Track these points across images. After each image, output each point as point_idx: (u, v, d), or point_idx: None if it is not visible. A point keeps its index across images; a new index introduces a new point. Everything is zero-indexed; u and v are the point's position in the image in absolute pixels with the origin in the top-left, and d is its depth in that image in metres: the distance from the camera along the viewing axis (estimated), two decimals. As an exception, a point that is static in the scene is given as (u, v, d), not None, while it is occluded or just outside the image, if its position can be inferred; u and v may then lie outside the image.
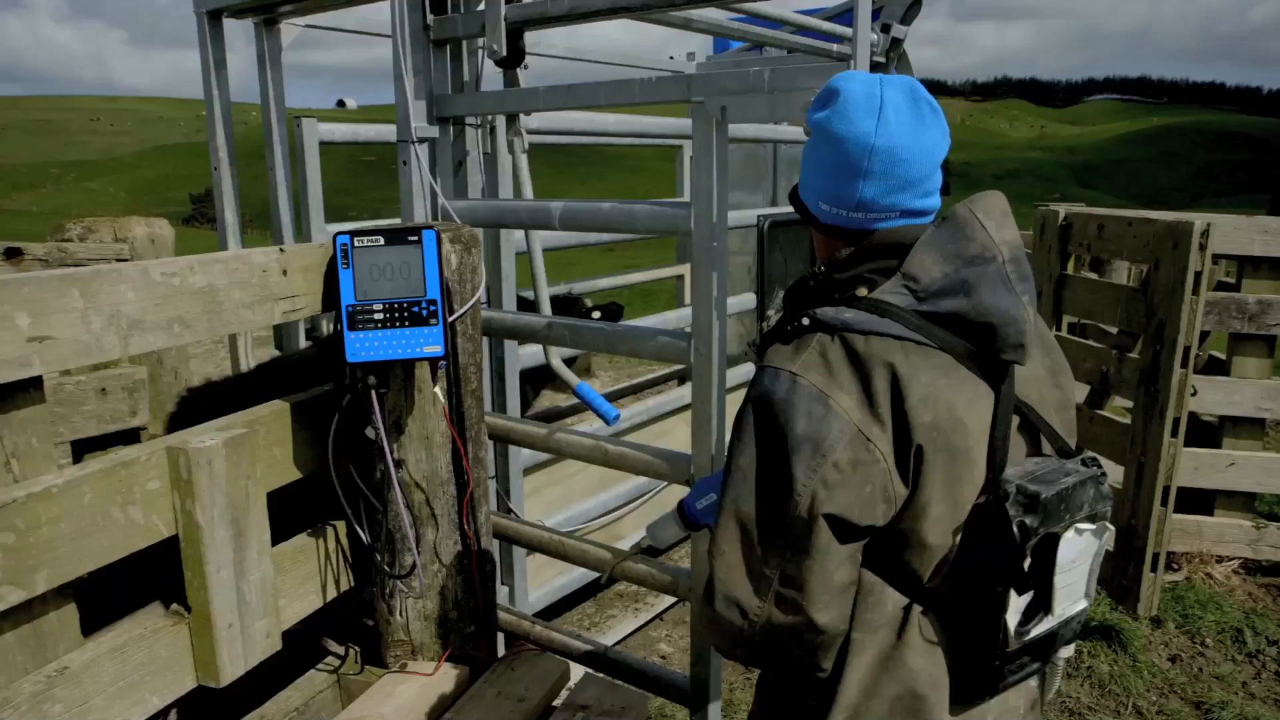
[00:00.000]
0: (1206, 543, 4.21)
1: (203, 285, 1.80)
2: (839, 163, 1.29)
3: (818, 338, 1.24)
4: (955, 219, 1.28)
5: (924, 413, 1.19)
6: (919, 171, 1.28)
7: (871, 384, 1.19)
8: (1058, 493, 1.26)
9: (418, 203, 2.36)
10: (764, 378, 1.26)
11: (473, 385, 2.17)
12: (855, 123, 1.28)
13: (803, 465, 1.18)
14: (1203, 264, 3.14)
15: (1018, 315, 1.23)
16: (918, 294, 1.24)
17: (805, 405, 1.19)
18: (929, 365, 1.21)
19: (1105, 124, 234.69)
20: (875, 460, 1.20)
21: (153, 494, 1.71)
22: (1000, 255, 1.25)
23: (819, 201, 1.36)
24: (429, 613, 2.19)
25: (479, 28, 2.25)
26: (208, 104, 2.86)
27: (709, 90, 1.96)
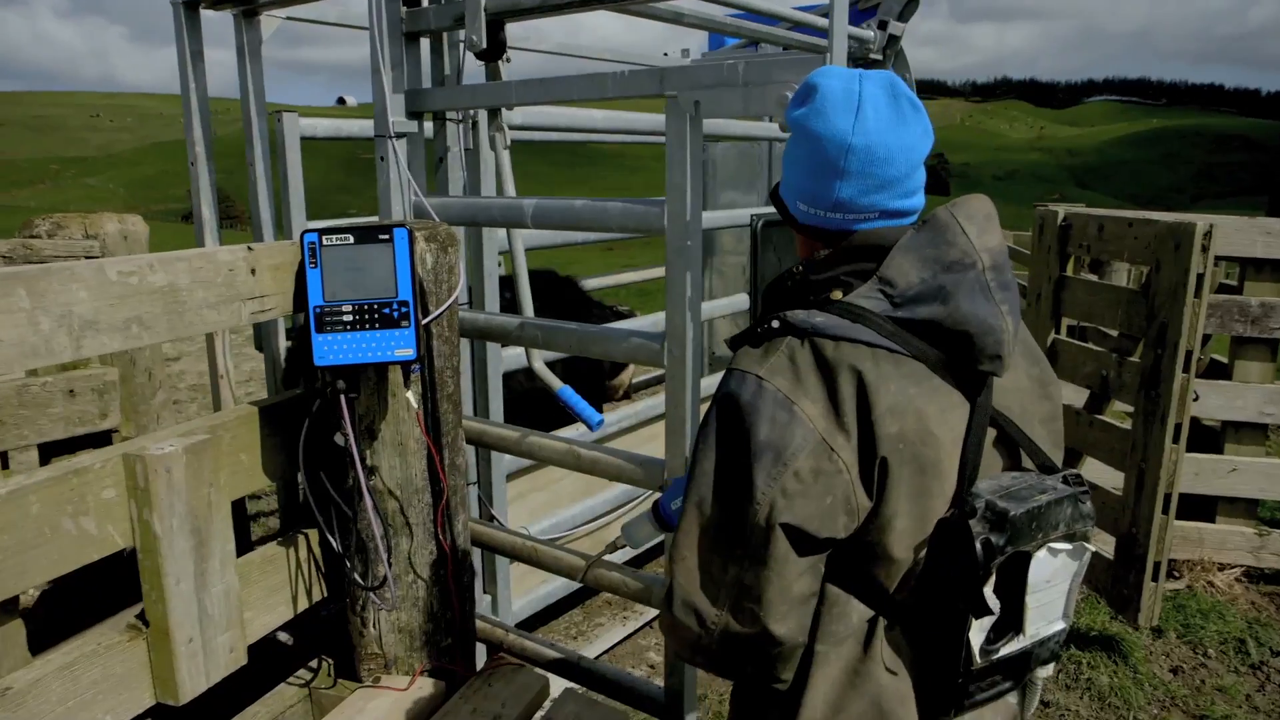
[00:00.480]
0: (1208, 550, 4.14)
1: (163, 285, 1.72)
2: (816, 161, 1.25)
3: (787, 341, 1.20)
4: (936, 223, 1.24)
5: (890, 423, 1.15)
6: (898, 170, 1.24)
7: (838, 391, 1.16)
8: (1029, 510, 1.19)
9: (396, 199, 2.28)
10: (730, 380, 1.22)
11: (449, 389, 2.09)
12: (832, 120, 1.24)
13: (763, 472, 1.15)
14: (1205, 266, 3.06)
15: (996, 324, 1.19)
16: (893, 299, 1.20)
17: (769, 410, 1.16)
18: (900, 374, 1.17)
19: (1105, 125, 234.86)
20: (838, 471, 1.15)
21: (107, 503, 1.64)
22: (980, 262, 1.21)
23: (797, 201, 1.32)
24: (403, 625, 2.12)
25: (451, 20, 2.18)
26: (184, 98, 2.78)
27: (682, 84, 1.92)
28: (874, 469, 1.16)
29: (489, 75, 2.34)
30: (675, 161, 1.94)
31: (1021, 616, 1.24)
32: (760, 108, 1.84)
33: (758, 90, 1.84)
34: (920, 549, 1.22)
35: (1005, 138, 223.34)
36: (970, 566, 1.17)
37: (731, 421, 1.19)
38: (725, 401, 1.20)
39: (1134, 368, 3.34)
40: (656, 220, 2.00)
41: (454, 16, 2.15)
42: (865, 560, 1.22)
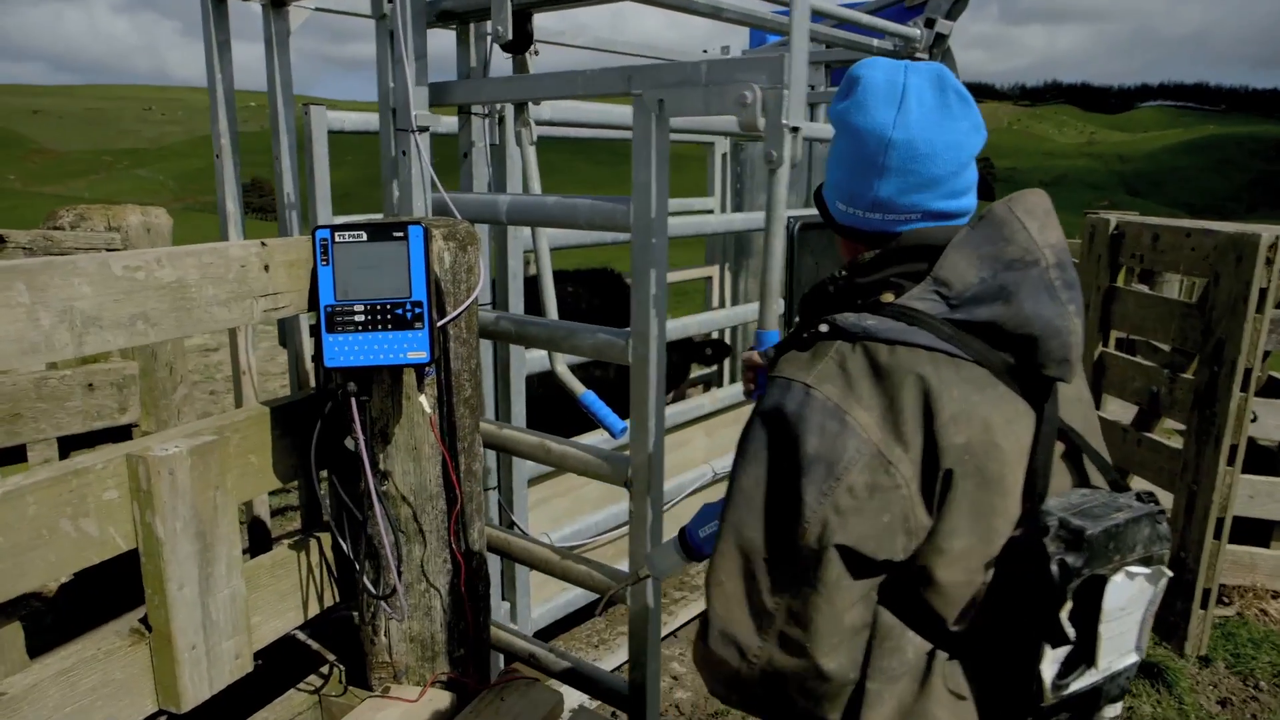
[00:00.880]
0: (1261, 576, 3.95)
1: (171, 280, 1.66)
2: (856, 157, 1.19)
3: (836, 346, 1.12)
4: (993, 218, 1.15)
5: (956, 433, 1.06)
6: (942, 168, 1.16)
7: (897, 399, 1.06)
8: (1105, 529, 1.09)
9: (418, 196, 2.21)
10: (774, 389, 1.13)
11: (466, 393, 2.02)
12: (872, 113, 1.17)
13: (813, 488, 1.05)
14: (1269, 280, 2.90)
15: (1063, 326, 1.10)
16: (950, 300, 1.11)
17: (819, 420, 1.07)
18: (961, 380, 1.08)
19: (1158, 131, 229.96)
20: (895, 485, 1.06)
21: (109, 505, 1.59)
22: (1044, 259, 1.12)
23: (836, 200, 1.26)
24: (415, 634, 2.05)
25: (476, 7, 2.11)
26: (210, 88, 2.75)
27: (647, 83, 1.92)
28: (936, 483, 1.07)
29: (516, 68, 2.27)
30: (640, 159, 1.93)
31: (1095, 647, 1.13)
32: (720, 107, 1.83)
33: (718, 90, 1.83)
34: (984, 572, 1.12)
35: (1054, 142, 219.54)
36: (1046, 590, 1.07)
37: (776, 433, 1.10)
38: (769, 412, 1.12)
39: (1187, 384, 3.18)
40: (623, 218, 1.99)
41: (479, 6, 2.09)
42: (921, 586, 1.12)
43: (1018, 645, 1.12)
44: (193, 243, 2.43)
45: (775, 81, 1.76)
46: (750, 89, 1.76)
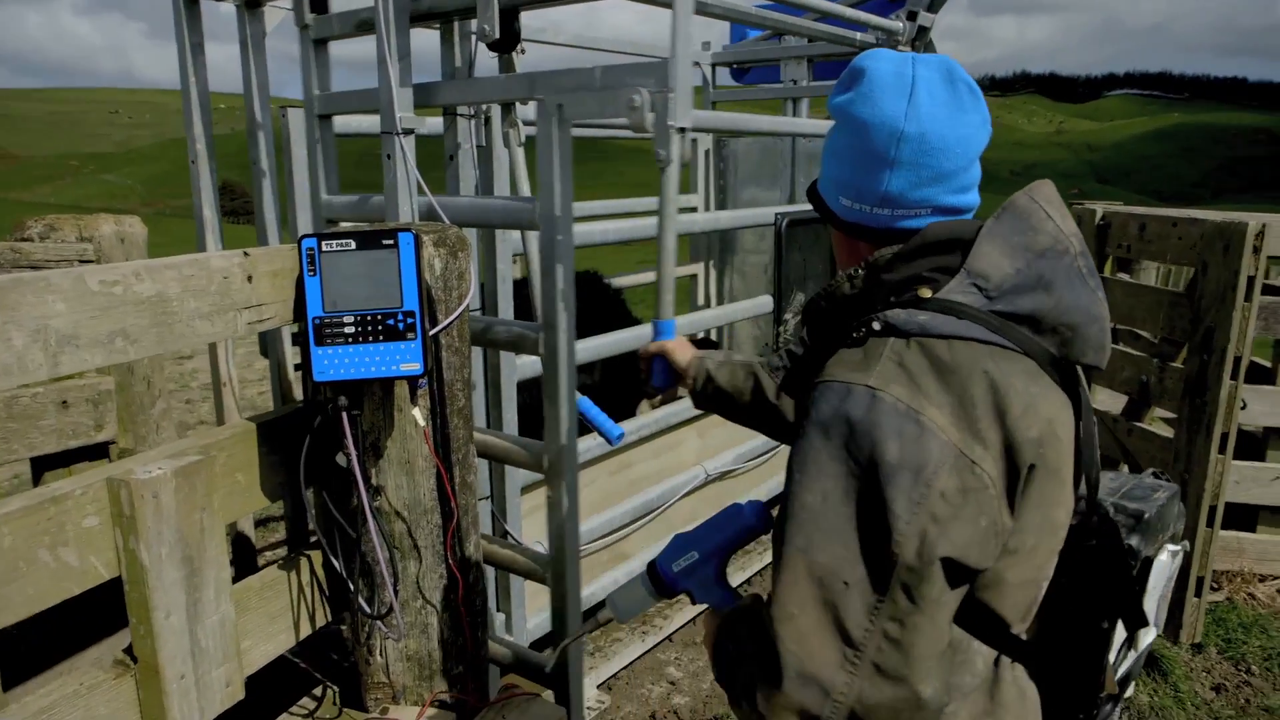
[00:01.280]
0: (1248, 560, 3.97)
1: (151, 294, 1.59)
2: (863, 151, 1.15)
3: (890, 344, 1.06)
4: (1017, 208, 1.13)
5: (1029, 427, 1.03)
6: (954, 162, 1.14)
7: (967, 395, 1.02)
8: (1157, 510, 1.13)
9: (403, 200, 2.15)
10: (830, 395, 1.05)
11: (460, 403, 1.96)
12: (882, 105, 1.13)
13: (903, 498, 0.97)
14: (1257, 267, 2.90)
15: (1099, 313, 1.11)
16: (988, 293, 1.08)
17: (894, 424, 0.99)
18: (1019, 372, 1.05)
19: (1124, 120, 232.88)
20: (984, 487, 1.00)
21: (89, 532, 1.52)
22: (1072, 247, 1.12)
23: (839, 196, 1.22)
24: (411, 653, 1.99)
25: (461, 5, 2.07)
26: (184, 92, 2.66)
27: (548, 88, 2.01)
28: (1018, 482, 1.03)
29: (502, 68, 2.21)
30: (544, 161, 2.02)
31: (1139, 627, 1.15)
32: (613, 110, 1.90)
33: (610, 94, 1.91)
34: (1047, 568, 1.10)
35: (1024, 132, 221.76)
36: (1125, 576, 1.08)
37: (844, 443, 1.01)
38: (830, 420, 1.03)
39: (1177, 373, 3.18)
40: (529, 216, 2.07)
41: (465, 4, 2.03)
42: (987, 591, 1.07)
43: (1085, 637, 1.11)
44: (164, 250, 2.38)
45: (661, 85, 1.85)
46: (639, 93, 1.84)
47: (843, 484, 1.01)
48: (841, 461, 1.01)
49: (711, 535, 1.38)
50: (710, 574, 1.37)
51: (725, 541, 1.37)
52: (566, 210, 2.03)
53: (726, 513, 1.39)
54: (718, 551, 1.37)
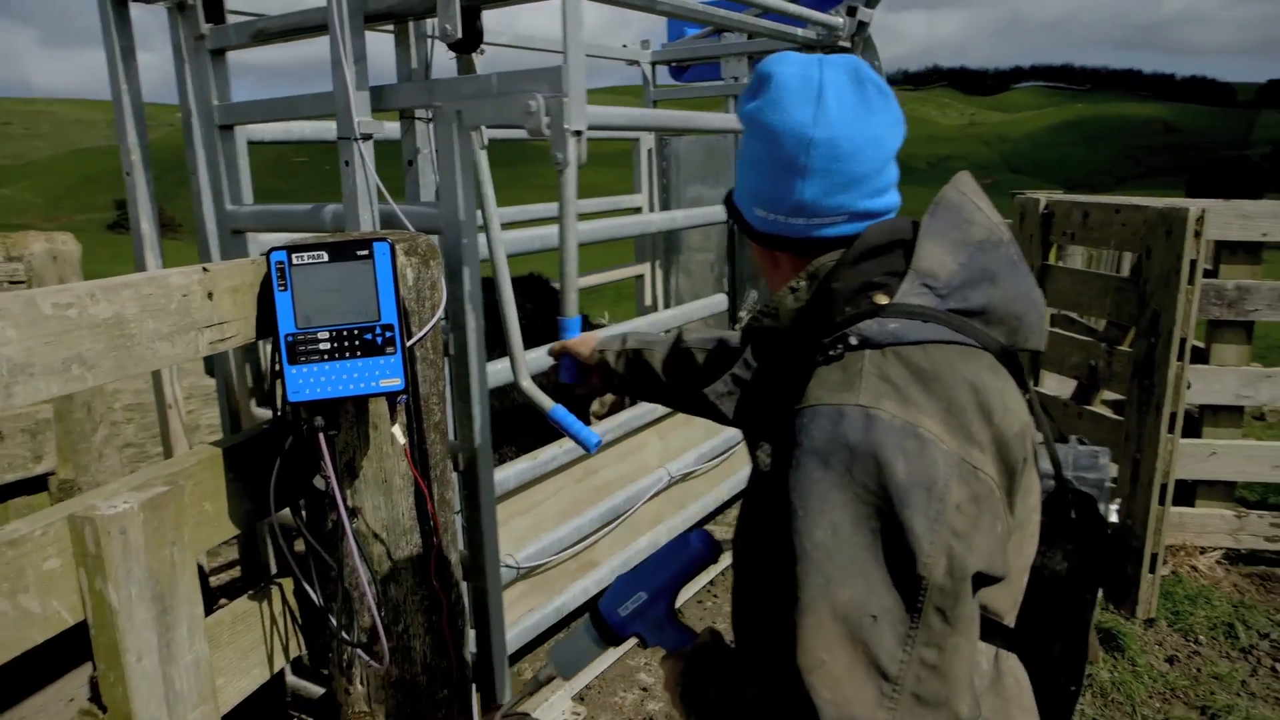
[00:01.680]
0: (1190, 534, 4.12)
1: (108, 317, 1.49)
2: (773, 160, 1.13)
3: (867, 358, 1.03)
4: (948, 203, 1.13)
5: (1011, 423, 1.03)
6: (867, 166, 1.12)
7: (954, 401, 1.00)
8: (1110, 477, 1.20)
9: (363, 208, 2.06)
10: (821, 421, 0.99)
11: (436, 418, 1.89)
12: (789, 112, 1.11)
13: (920, 517, 0.93)
14: (1198, 251, 3.00)
15: (1038, 298, 1.13)
16: (939, 291, 1.07)
17: (896, 442, 0.95)
18: (987, 369, 1.05)
19: (1032, 111, 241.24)
20: (990, 491, 0.99)
21: (51, 575, 1.41)
22: (1003, 236, 1.13)
23: (754, 207, 1.19)
24: (394, 680, 1.91)
25: (421, 5, 2.00)
26: (116, 100, 2.52)
27: (447, 95, 2.06)
28: (1014, 479, 1.03)
29: (461, 69, 2.14)
30: (445, 167, 2.08)
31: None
32: (510, 116, 1.96)
33: (507, 100, 1.95)
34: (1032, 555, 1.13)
35: (938, 124, 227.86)
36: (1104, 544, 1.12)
37: (846, 470, 0.96)
38: (826, 448, 0.98)
39: (1125, 357, 3.27)
40: (434, 221, 2.11)
41: (424, 4, 1.96)
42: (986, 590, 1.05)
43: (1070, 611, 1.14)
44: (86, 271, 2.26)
45: (556, 90, 1.89)
46: (534, 98, 1.88)
47: (851, 512, 0.95)
48: (846, 489, 0.96)
49: (658, 572, 1.29)
50: (661, 614, 1.29)
51: (673, 577, 1.29)
52: (470, 215, 2.09)
53: (672, 545, 1.31)
54: (666, 589, 1.28)
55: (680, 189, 4.94)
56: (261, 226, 2.57)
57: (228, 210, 2.54)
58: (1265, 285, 3.74)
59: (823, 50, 4.19)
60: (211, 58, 2.44)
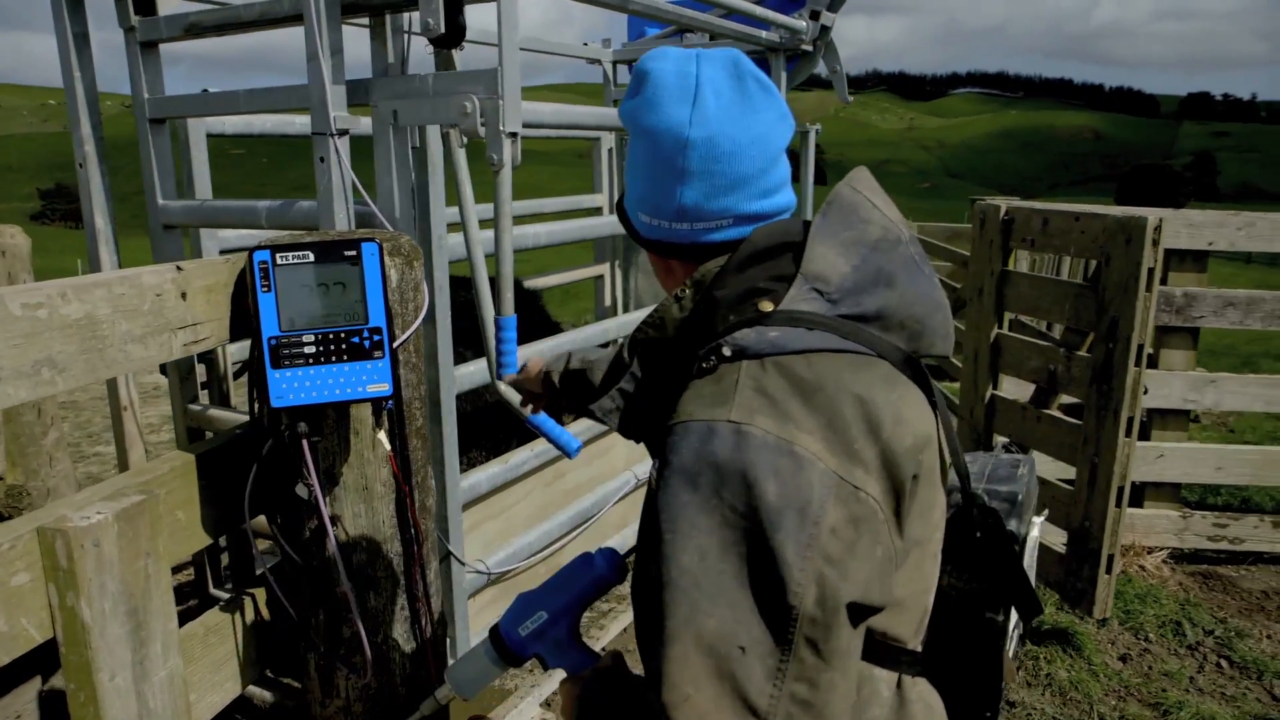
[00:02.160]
0: (1138, 535, 4.24)
1: (79, 317, 1.41)
2: (652, 163, 1.06)
3: (744, 369, 0.95)
4: (841, 202, 1.06)
5: (903, 437, 0.95)
6: (750, 166, 1.04)
7: (837, 415, 0.92)
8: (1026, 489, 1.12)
9: (339, 206, 2.00)
10: (690, 438, 0.92)
11: (418, 423, 1.84)
12: (665, 111, 1.04)
13: (792, 543, 0.86)
14: (1156, 259, 3.07)
15: (941, 299, 1.06)
16: (830, 296, 1.00)
17: (768, 461, 0.88)
18: (880, 379, 0.97)
19: (968, 117, 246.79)
20: (873, 513, 0.92)
21: (19, 591, 1.33)
22: (902, 235, 1.06)
23: (639, 212, 1.12)
24: (372, 691, 1.85)
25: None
26: (68, 89, 2.40)
27: (383, 95, 2.07)
28: (902, 498, 0.95)
29: (439, 64, 2.08)
30: (382, 166, 2.10)
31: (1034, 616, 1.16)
32: (445, 116, 1.97)
33: (443, 101, 1.96)
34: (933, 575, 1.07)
35: (877, 129, 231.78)
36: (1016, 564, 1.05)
37: (715, 491, 0.89)
38: (693, 467, 0.91)
39: (1083, 362, 3.34)
40: (371, 219, 2.11)
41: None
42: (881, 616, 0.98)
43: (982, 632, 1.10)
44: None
45: (491, 92, 1.90)
46: (470, 99, 1.89)
47: (719, 537, 0.89)
48: (714, 512, 0.89)
49: (560, 591, 1.25)
50: (563, 635, 1.24)
51: (576, 597, 1.24)
52: (406, 214, 2.11)
53: (575, 564, 1.27)
54: (568, 609, 1.24)
55: (642, 189, 4.92)
56: (194, 222, 2.53)
57: (159, 205, 2.50)
58: (1211, 293, 3.87)
59: (785, 54, 4.21)
60: (142, 50, 2.41)
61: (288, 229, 2.30)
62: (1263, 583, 4.20)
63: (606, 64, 4.87)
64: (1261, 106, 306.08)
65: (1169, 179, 65.57)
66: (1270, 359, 10.23)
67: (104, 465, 5.95)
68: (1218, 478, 4.12)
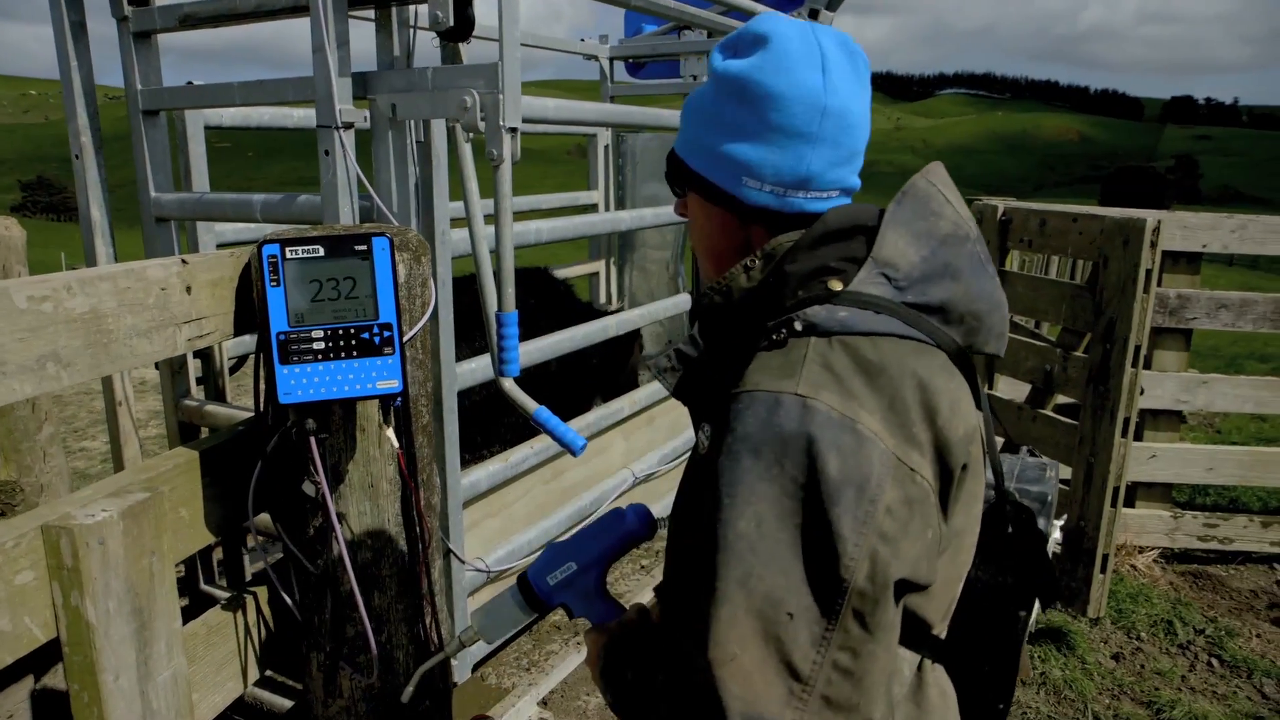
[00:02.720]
0: (1130, 535, 4.26)
1: (84, 311, 1.39)
2: (778, 127, 1.05)
3: (812, 345, 0.97)
4: (916, 192, 1.07)
5: (957, 425, 0.97)
6: (862, 140, 1.09)
7: (898, 397, 0.94)
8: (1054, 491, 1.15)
9: (343, 200, 1.98)
10: (756, 408, 0.94)
11: (424, 420, 1.82)
12: (798, 75, 1.03)
13: (848, 517, 0.88)
14: (1154, 261, 3.09)
15: (1001, 300, 1.07)
16: (898, 283, 1.02)
17: (831, 436, 0.90)
18: (939, 368, 0.99)
19: (955, 117, 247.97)
20: (926, 495, 0.94)
21: (23, 591, 1.30)
22: (971, 232, 1.07)
23: (743, 176, 1.08)
24: (376, 691, 1.84)
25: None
26: (64, 79, 2.36)
27: (381, 88, 2.06)
28: (951, 485, 0.97)
29: (446, 57, 2.06)
30: (380, 160, 2.09)
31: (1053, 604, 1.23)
32: (445, 111, 1.96)
33: (442, 95, 1.95)
34: (968, 564, 1.08)
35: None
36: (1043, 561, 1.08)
37: (777, 461, 0.91)
38: (758, 436, 0.92)
39: (1080, 362, 3.35)
40: (375, 214, 2.10)
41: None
42: (915, 596, 1.01)
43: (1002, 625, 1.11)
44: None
45: (492, 87, 1.89)
46: (470, 94, 1.88)
47: (778, 506, 0.90)
48: (775, 481, 0.91)
49: (591, 543, 1.26)
50: (590, 585, 1.25)
51: (606, 550, 1.25)
52: (404, 207, 2.10)
53: (607, 518, 1.28)
54: (598, 561, 1.25)
55: (636, 186, 4.91)
56: (187, 215, 2.49)
57: (152, 197, 2.47)
58: (1204, 294, 3.89)
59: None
60: (135, 40, 2.38)
61: (286, 223, 2.27)
62: (1251, 582, 4.23)
63: (604, 60, 4.85)
64: (1244, 111, 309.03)
65: (1153, 181, 65.69)
66: (1255, 360, 10.32)
67: (90, 460, 5.89)
68: (1209, 478, 4.14)
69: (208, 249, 2.99)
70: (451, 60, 2.04)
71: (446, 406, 2.36)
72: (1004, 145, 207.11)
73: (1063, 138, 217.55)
